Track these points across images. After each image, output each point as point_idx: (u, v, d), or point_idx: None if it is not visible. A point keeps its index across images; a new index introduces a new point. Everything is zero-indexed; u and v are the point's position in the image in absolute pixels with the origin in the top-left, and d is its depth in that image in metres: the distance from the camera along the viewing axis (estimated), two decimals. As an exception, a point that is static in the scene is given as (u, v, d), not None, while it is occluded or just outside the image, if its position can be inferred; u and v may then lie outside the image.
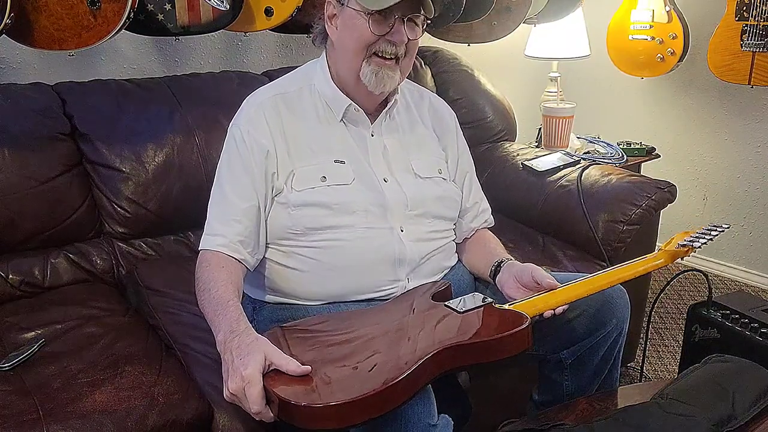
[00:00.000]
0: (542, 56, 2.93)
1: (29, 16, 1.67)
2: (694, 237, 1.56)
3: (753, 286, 3.00)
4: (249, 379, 1.09)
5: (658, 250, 1.57)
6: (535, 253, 2.13)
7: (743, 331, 1.76)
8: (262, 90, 1.52)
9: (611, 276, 1.45)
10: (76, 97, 1.92)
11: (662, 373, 2.41)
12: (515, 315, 1.28)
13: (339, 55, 1.45)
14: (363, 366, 1.14)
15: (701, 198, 3.13)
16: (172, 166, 1.94)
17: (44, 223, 1.81)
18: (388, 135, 1.52)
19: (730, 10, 2.53)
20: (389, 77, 1.40)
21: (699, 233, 1.58)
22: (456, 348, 1.18)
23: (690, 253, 1.56)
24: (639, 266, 1.50)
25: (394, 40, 1.37)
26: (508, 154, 2.50)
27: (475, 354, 1.21)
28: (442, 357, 1.16)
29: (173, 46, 2.28)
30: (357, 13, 1.37)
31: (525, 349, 1.23)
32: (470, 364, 1.27)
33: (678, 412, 1.33)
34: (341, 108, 1.47)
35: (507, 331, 1.21)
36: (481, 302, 1.33)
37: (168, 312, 1.70)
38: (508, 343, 1.22)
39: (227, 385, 1.13)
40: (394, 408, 1.09)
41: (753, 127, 2.89)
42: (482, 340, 1.21)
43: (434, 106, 1.65)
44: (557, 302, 1.37)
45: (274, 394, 1.08)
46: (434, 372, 1.16)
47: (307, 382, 1.10)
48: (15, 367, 1.44)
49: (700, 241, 1.55)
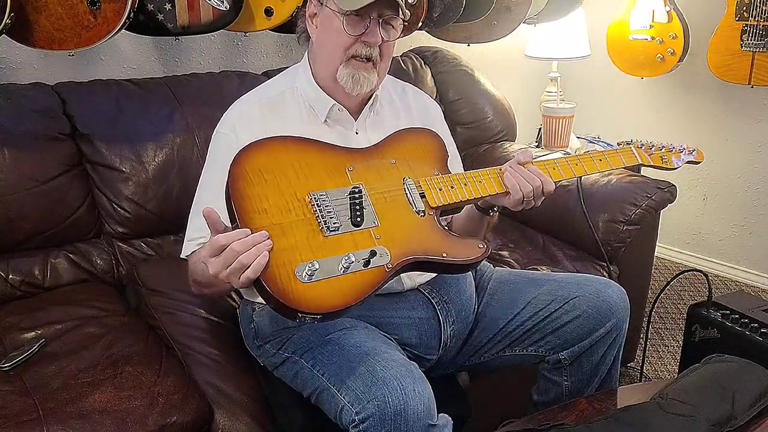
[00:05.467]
0: (542, 56, 2.93)
1: (29, 16, 1.67)
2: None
3: (753, 286, 3.00)
4: (208, 247, 1.14)
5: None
6: (535, 253, 2.13)
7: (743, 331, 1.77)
8: (245, 97, 1.53)
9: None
10: (76, 97, 1.92)
11: (662, 373, 2.41)
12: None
13: (318, 55, 1.46)
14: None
15: (701, 198, 3.13)
16: (172, 166, 1.94)
17: (44, 223, 1.81)
18: (372, 131, 1.52)
19: (730, 10, 2.53)
20: (365, 79, 1.40)
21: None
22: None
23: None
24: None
25: (368, 41, 1.37)
26: (508, 154, 2.50)
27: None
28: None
29: (173, 46, 2.28)
30: (334, 13, 1.37)
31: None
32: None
33: (678, 412, 1.33)
34: (325, 109, 1.47)
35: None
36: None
37: (168, 312, 1.69)
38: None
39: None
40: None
41: (753, 127, 2.89)
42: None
43: (418, 99, 1.66)
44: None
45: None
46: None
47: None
48: (15, 367, 1.44)
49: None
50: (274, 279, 1.13)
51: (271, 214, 1.20)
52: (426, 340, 1.45)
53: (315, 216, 1.22)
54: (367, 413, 1.17)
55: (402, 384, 1.18)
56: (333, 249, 1.19)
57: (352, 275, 1.17)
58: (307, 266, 1.15)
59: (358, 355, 1.26)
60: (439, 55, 2.65)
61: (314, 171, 1.28)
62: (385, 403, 1.16)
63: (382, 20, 1.37)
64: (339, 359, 1.28)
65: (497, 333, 1.53)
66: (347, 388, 1.23)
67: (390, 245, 1.23)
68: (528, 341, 1.52)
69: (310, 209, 1.23)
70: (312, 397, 1.35)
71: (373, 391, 1.18)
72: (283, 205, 1.22)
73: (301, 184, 1.26)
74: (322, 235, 1.20)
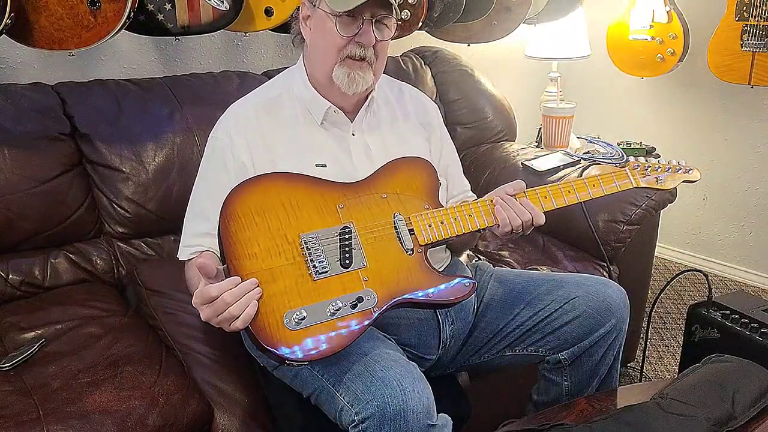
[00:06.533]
0: (542, 56, 2.93)
1: (29, 16, 1.67)
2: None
3: (753, 286, 3.00)
4: (197, 298, 1.17)
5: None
6: (535, 253, 2.13)
7: (743, 331, 1.77)
8: (242, 101, 1.53)
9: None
10: (76, 97, 1.92)
11: (662, 373, 2.41)
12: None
13: (312, 57, 1.47)
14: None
15: (701, 198, 3.13)
16: (172, 166, 1.94)
17: (44, 223, 1.81)
18: (369, 133, 1.52)
19: (730, 10, 2.53)
20: (361, 78, 1.40)
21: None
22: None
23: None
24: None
25: (362, 42, 1.38)
26: (508, 154, 2.50)
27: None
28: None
29: (173, 46, 2.28)
30: (326, 15, 1.37)
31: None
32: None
33: (678, 412, 1.33)
34: (321, 111, 1.47)
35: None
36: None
37: (168, 312, 1.70)
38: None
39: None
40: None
41: (753, 127, 2.89)
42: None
43: (416, 99, 1.65)
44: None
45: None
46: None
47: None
48: (15, 367, 1.44)
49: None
50: (262, 327, 1.16)
51: (261, 259, 1.23)
52: (425, 340, 1.45)
53: (304, 259, 1.25)
54: (366, 413, 1.17)
55: (402, 384, 1.18)
56: (321, 294, 1.22)
57: (339, 320, 1.19)
58: (295, 313, 1.18)
59: (357, 355, 1.26)
60: (439, 55, 2.65)
61: (305, 210, 1.31)
62: (384, 404, 1.16)
63: (375, 20, 1.37)
64: (338, 359, 1.28)
65: (497, 333, 1.53)
66: (347, 388, 1.24)
67: (377, 287, 1.25)
68: (528, 341, 1.52)
69: (300, 252, 1.25)
70: (311, 397, 1.35)
71: (373, 391, 1.18)
72: (273, 248, 1.24)
73: (292, 225, 1.28)
74: (311, 279, 1.23)
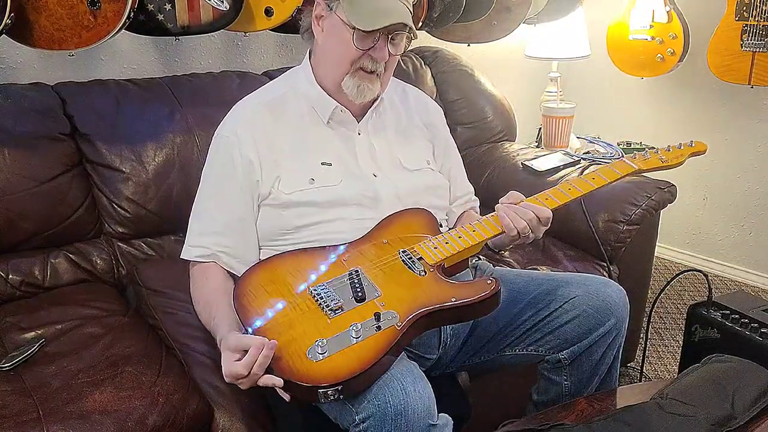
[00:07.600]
0: (542, 56, 2.93)
1: (29, 16, 1.67)
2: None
3: (753, 286, 3.00)
4: (228, 376, 1.18)
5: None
6: (535, 253, 2.13)
7: (743, 331, 1.77)
8: (247, 99, 1.54)
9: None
10: (76, 97, 1.92)
11: (662, 373, 2.41)
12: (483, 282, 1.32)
13: (322, 60, 1.48)
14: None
15: (701, 198, 3.13)
16: (172, 166, 1.94)
17: (44, 223, 1.81)
18: (374, 133, 1.53)
19: (730, 10, 2.53)
20: (369, 89, 1.44)
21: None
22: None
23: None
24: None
25: (376, 57, 1.40)
26: (508, 154, 2.50)
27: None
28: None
29: (173, 46, 2.28)
30: (344, 24, 1.39)
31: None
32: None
33: (678, 412, 1.33)
34: (328, 110, 1.48)
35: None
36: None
37: (168, 312, 1.69)
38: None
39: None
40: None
41: (753, 127, 2.89)
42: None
43: (420, 100, 1.68)
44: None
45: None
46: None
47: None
48: (15, 367, 1.44)
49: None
50: (287, 368, 1.16)
51: (277, 317, 1.25)
52: (425, 339, 1.45)
53: (318, 305, 1.26)
54: (367, 413, 1.17)
55: (402, 384, 1.18)
56: (341, 326, 1.21)
57: (364, 342, 1.19)
58: (317, 344, 1.17)
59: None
60: (439, 55, 2.65)
61: (311, 270, 1.34)
62: (385, 403, 1.16)
63: (390, 36, 1.40)
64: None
65: (497, 332, 1.53)
66: (347, 388, 1.24)
67: (396, 307, 1.25)
68: (528, 341, 1.52)
69: (313, 301, 1.27)
70: (312, 397, 1.35)
71: (373, 390, 1.18)
72: (286, 306, 1.27)
73: (301, 284, 1.31)
74: (327, 318, 1.23)
